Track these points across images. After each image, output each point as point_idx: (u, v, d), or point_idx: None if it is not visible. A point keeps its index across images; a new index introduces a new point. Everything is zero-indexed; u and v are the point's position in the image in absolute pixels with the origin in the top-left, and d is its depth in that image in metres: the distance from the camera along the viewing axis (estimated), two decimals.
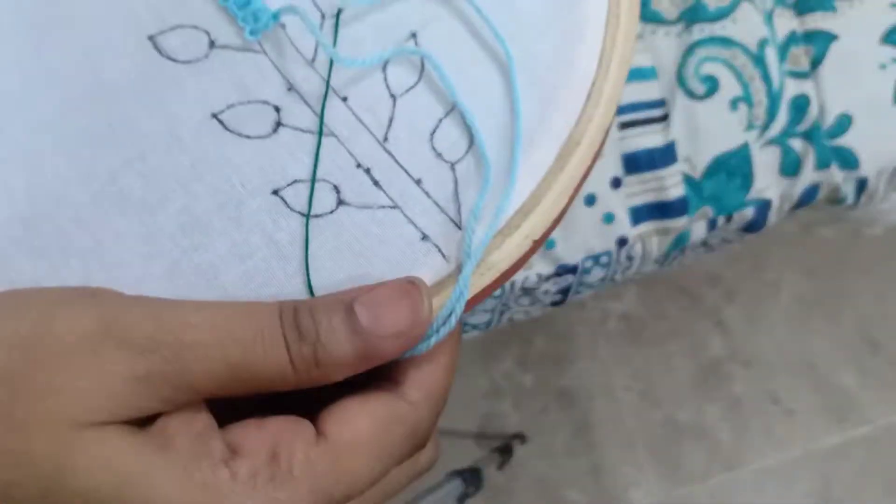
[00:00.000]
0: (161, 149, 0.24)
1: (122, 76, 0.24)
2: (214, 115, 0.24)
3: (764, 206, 0.54)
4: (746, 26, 0.53)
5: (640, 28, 0.53)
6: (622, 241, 0.53)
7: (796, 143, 0.54)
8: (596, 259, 0.53)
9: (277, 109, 0.24)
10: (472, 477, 0.84)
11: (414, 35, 0.24)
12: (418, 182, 0.24)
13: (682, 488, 1.14)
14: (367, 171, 0.24)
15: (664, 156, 0.52)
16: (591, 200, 0.52)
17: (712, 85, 0.53)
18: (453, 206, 0.24)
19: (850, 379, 1.18)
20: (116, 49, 0.24)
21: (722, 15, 0.53)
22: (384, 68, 0.24)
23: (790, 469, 1.15)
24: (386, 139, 0.24)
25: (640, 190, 0.52)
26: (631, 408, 1.16)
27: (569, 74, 0.25)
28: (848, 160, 0.55)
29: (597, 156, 0.26)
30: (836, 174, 0.54)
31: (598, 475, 1.14)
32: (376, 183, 0.24)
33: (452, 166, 0.24)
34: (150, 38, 0.24)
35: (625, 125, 0.52)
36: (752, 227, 0.55)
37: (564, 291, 0.56)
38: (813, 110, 0.54)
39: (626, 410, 1.16)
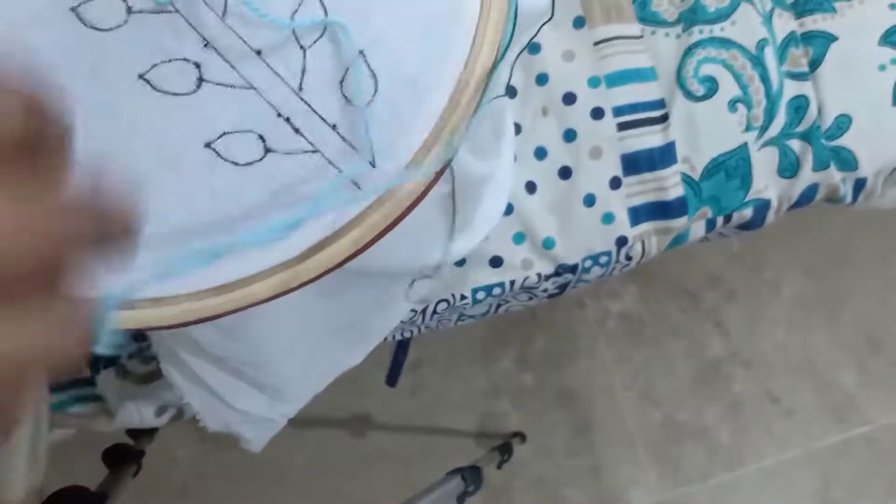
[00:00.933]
0: (98, 113, 0.26)
1: (52, 46, 0.25)
2: (141, 76, 0.26)
3: (763, 207, 0.55)
4: (746, 28, 0.53)
5: (640, 29, 0.53)
6: (622, 241, 0.53)
7: (795, 144, 0.54)
8: (595, 259, 0.53)
9: (198, 66, 0.26)
10: (472, 475, 0.84)
11: None
12: (334, 127, 0.26)
13: (682, 488, 1.14)
14: (287, 119, 0.26)
15: (664, 156, 0.52)
16: (590, 201, 0.52)
17: (711, 86, 0.53)
18: (366, 145, 0.27)
19: (849, 379, 1.18)
20: (42, 21, 0.25)
21: (721, 16, 0.53)
22: (292, 19, 0.26)
23: (790, 469, 1.15)
24: (301, 89, 0.26)
25: (640, 190, 0.53)
26: (631, 407, 1.16)
27: (458, 22, 0.28)
28: (847, 161, 0.55)
29: (483, 95, 0.29)
30: (834, 175, 0.54)
31: (598, 474, 1.14)
32: (297, 130, 0.26)
33: (362, 111, 0.27)
34: (73, 9, 0.25)
35: (624, 125, 0.52)
36: (750, 226, 0.56)
37: (562, 287, 0.56)
38: (812, 111, 0.54)
39: (626, 410, 1.16)
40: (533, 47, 0.52)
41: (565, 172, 0.52)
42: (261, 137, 0.26)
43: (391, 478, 1.12)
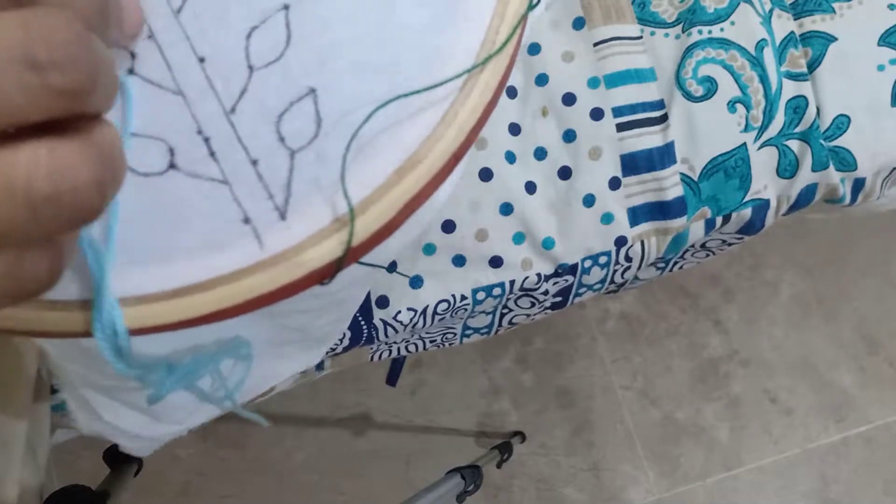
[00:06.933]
0: None
1: None
2: None
3: (762, 207, 0.55)
4: (745, 28, 0.53)
5: (640, 30, 0.53)
6: (621, 241, 0.53)
7: (794, 144, 0.54)
8: (595, 259, 0.54)
9: (133, 55, 0.22)
10: (471, 475, 0.84)
11: (286, 7, 0.23)
12: (254, 163, 0.22)
13: (681, 487, 1.14)
14: (207, 140, 0.22)
15: (663, 156, 0.52)
16: (590, 201, 0.52)
17: (711, 86, 0.53)
18: (283, 195, 0.22)
19: (848, 378, 1.18)
20: None
21: (720, 17, 0.53)
22: (248, 36, 0.22)
23: (788, 468, 1.15)
24: (233, 111, 0.22)
25: (639, 190, 0.53)
26: (630, 407, 1.16)
27: (429, 93, 0.24)
28: (846, 161, 0.55)
29: (442, 177, 0.24)
30: (833, 175, 0.54)
31: (597, 473, 1.14)
32: (212, 154, 0.22)
33: (293, 154, 0.22)
34: None
35: (623, 126, 0.52)
36: (750, 228, 0.56)
37: (564, 292, 0.56)
38: (811, 111, 0.54)
39: (625, 409, 1.16)
40: (533, 48, 0.52)
41: (565, 173, 0.52)
42: (170, 150, 0.22)
43: (391, 477, 1.12)
